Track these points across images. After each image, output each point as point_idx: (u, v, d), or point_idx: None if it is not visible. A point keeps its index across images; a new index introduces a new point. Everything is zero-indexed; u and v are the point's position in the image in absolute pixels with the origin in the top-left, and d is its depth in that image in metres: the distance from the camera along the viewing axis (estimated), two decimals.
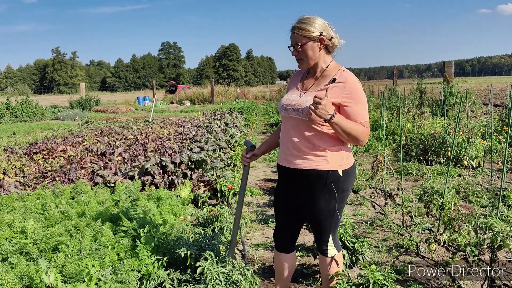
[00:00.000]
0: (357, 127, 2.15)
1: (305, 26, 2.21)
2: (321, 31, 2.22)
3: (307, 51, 2.24)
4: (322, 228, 2.40)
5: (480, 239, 2.81)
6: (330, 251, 2.46)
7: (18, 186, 5.39)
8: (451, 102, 10.98)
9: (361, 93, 2.21)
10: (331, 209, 2.32)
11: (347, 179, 2.31)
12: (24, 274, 2.53)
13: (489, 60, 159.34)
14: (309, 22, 2.22)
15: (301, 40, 2.23)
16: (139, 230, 3.25)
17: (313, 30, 2.21)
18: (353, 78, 2.24)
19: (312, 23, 2.22)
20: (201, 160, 5.94)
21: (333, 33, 2.28)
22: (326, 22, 2.28)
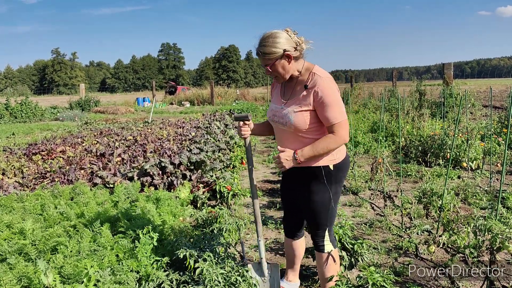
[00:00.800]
0: (325, 144, 2.27)
1: (268, 49, 2.27)
2: (283, 48, 2.26)
3: (277, 69, 2.32)
4: (318, 222, 2.51)
5: (479, 241, 2.81)
6: (326, 247, 2.55)
7: (17, 186, 5.38)
8: (450, 104, 10.99)
9: (332, 96, 2.25)
10: (325, 202, 2.44)
11: (338, 173, 2.44)
12: (23, 275, 2.52)
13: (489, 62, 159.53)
14: (270, 44, 2.26)
15: (268, 62, 2.30)
16: (138, 231, 3.25)
17: (276, 51, 2.26)
18: (323, 81, 2.28)
19: (273, 43, 2.26)
20: (201, 161, 5.94)
21: (297, 39, 2.32)
22: (287, 34, 2.29)
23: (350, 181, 6.05)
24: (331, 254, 2.55)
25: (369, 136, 9.14)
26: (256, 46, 2.33)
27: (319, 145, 2.28)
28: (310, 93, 2.29)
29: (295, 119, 2.33)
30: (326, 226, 2.53)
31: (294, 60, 2.33)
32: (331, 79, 2.32)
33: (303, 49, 2.34)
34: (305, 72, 2.37)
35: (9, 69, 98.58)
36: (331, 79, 2.31)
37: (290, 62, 2.31)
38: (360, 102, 15.55)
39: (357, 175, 6.07)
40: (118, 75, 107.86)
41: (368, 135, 9.21)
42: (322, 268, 2.59)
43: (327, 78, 2.29)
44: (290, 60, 2.30)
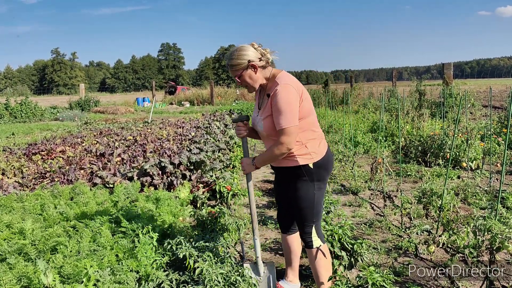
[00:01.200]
0: (270, 153, 2.47)
1: (234, 62, 2.48)
2: (248, 59, 2.46)
3: (245, 79, 2.51)
4: (303, 218, 2.61)
5: (479, 241, 2.81)
6: (314, 243, 2.62)
7: (17, 186, 5.38)
8: (450, 104, 11.00)
9: (280, 102, 2.37)
10: (310, 198, 2.56)
11: (319, 170, 2.55)
12: (23, 275, 2.52)
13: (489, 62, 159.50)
14: (235, 57, 2.47)
15: (236, 73, 2.50)
16: (138, 231, 3.25)
17: (241, 62, 2.46)
18: (279, 88, 2.40)
19: (238, 56, 2.47)
20: (200, 161, 5.94)
21: (262, 50, 2.51)
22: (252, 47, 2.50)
23: (350, 181, 6.05)
24: (320, 249, 2.61)
25: (369, 136, 9.14)
26: (226, 61, 2.55)
27: (265, 154, 2.51)
28: (270, 100, 2.46)
29: (264, 125, 2.53)
30: (312, 222, 2.62)
31: (261, 69, 2.51)
32: (287, 86, 2.41)
33: (269, 59, 2.52)
34: (271, 79, 2.54)
35: (9, 69, 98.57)
36: (287, 86, 2.41)
37: (256, 72, 2.49)
38: (360, 102, 15.56)
39: (356, 175, 6.07)
40: (118, 75, 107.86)
41: (368, 135, 9.21)
42: (313, 264, 2.66)
43: (284, 85, 2.40)
44: (256, 69, 2.49)
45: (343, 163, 6.70)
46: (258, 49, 2.50)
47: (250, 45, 2.51)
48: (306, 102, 2.47)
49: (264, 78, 2.54)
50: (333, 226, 3.24)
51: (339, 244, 3.10)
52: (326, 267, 2.65)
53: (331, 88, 20.25)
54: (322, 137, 2.65)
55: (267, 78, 2.55)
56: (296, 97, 2.40)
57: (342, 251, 3.10)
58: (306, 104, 2.46)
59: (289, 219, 2.88)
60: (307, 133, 2.50)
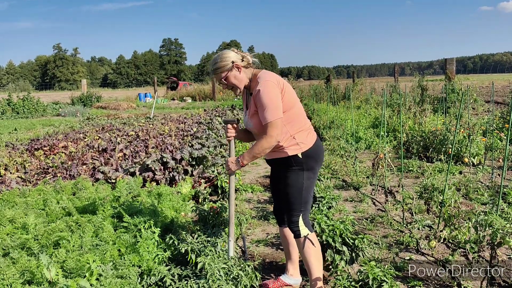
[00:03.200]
0: (258, 147, 2.53)
1: (218, 65, 2.60)
2: (232, 60, 2.59)
3: (231, 80, 2.62)
4: (291, 207, 2.68)
5: (480, 236, 2.81)
6: (302, 231, 2.66)
7: (19, 182, 5.40)
8: (452, 99, 10.96)
9: (264, 98, 2.48)
10: (298, 186, 2.64)
11: (308, 160, 2.64)
12: (25, 269, 2.54)
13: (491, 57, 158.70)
14: (219, 60, 2.60)
15: (221, 76, 2.61)
16: (140, 226, 3.26)
17: (225, 64, 2.58)
18: (260, 86, 2.51)
19: (222, 59, 2.59)
20: (202, 156, 5.95)
21: (242, 53, 2.65)
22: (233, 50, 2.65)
23: (351, 177, 6.06)
24: (308, 237, 2.65)
25: (370, 131, 9.13)
26: (209, 68, 2.66)
27: (254, 148, 2.55)
28: (254, 98, 2.56)
29: (252, 123, 2.64)
30: (299, 211, 2.67)
31: (244, 69, 2.63)
32: (267, 82, 2.53)
33: (249, 60, 2.66)
34: (253, 79, 2.65)
35: (11, 65, 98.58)
36: (267, 82, 2.52)
37: (240, 72, 2.62)
38: (362, 98, 15.52)
39: (358, 171, 6.07)
40: (119, 71, 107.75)
41: (370, 131, 9.19)
42: (302, 253, 2.70)
43: (264, 82, 2.52)
44: (240, 69, 2.61)
45: (345, 158, 6.70)
46: (238, 53, 2.65)
47: (231, 50, 2.65)
48: (288, 94, 2.58)
49: (247, 79, 2.66)
50: (334, 221, 3.25)
51: (341, 239, 3.11)
52: (316, 256, 2.68)
53: (333, 83, 20.20)
54: (311, 128, 2.75)
55: (249, 79, 2.67)
56: (277, 91, 2.51)
57: (344, 246, 3.10)
58: (288, 96, 2.57)
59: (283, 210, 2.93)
60: (293, 125, 2.61)
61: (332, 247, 3.08)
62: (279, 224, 3.05)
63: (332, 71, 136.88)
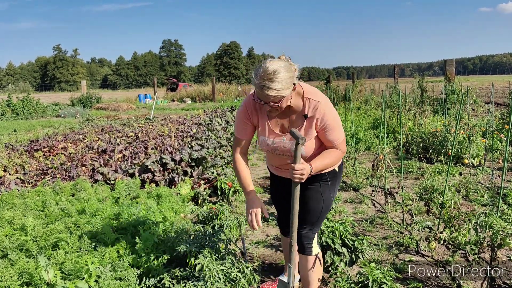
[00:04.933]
0: (331, 158, 2.30)
1: (278, 86, 2.06)
2: (293, 83, 2.12)
3: (283, 104, 2.15)
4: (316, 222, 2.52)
5: (480, 238, 2.80)
6: (314, 249, 2.54)
7: (18, 183, 5.39)
8: (452, 100, 10.96)
9: (333, 120, 2.25)
10: (329, 200, 2.51)
11: (339, 173, 2.55)
12: (24, 271, 2.53)
13: (491, 58, 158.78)
14: (280, 81, 2.05)
15: (276, 100, 2.11)
16: (139, 227, 3.25)
17: (287, 88, 2.10)
18: (323, 107, 2.23)
19: (283, 81, 2.06)
20: (202, 157, 5.94)
21: (294, 66, 2.17)
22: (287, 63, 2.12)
23: (351, 178, 6.05)
24: (318, 256, 2.55)
25: (370, 132, 9.12)
26: (263, 82, 2.06)
27: (327, 160, 2.29)
28: (312, 122, 2.25)
29: (307, 147, 2.29)
30: (319, 227, 2.59)
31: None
32: (327, 100, 2.28)
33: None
34: (296, 97, 2.25)
35: (10, 66, 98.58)
36: (327, 101, 2.27)
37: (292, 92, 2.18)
38: (361, 99, 15.51)
39: (358, 172, 6.06)
40: (119, 72, 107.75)
41: (370, 132, 9.19)
42: (308, 271, 2.56)
43: (324, 102, 2.25)
44: (293, 90, 2.18)
45: (345, 159, 6.69)
46: (292, 65, 2.16)
47: (284, 60, 2.14)
48: None
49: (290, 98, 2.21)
50: (334, 222, 3.24)
51: (340, 240, 3.10)
52: (320, 274, 2.62)
53: (333, 84, 20.20)
54: None
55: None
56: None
57: (343, 247, 3.09)
58: None
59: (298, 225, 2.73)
60: None
61: (331, 249, 3.07)
62: (285, 235, 2.85)
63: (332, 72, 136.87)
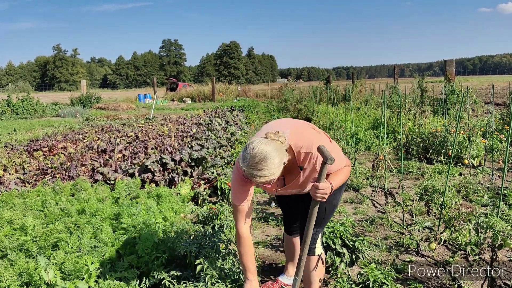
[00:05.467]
0: (344, 174, 2.36)
1: (267, 173, 2.01)
2: (283, 162, 2.07)
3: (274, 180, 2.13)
4: (322, 224, 2.51)
5: (481, 238, 2.80)
6: (317, 250, 2.53)
7: (18, 182, 5.38)
8: (452, 100, 10.95)
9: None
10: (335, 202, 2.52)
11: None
12: (23, 271, 2.53)
13: (491, 59, 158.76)
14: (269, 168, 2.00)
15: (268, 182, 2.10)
16: (139, 227, 3.25)
17: (277, 170, 2.04)
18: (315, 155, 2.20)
19: (273, 167, 2.01)
20: (202, 157, 5.93)
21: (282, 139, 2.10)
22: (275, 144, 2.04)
23: (351, 178, 6.04)
24: (321, 257, 2.53)
25: (370, 133, 9.12)
26: (248, 168, 2.01)
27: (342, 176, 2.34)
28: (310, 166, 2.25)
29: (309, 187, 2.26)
30: (322, 229, 2.58)
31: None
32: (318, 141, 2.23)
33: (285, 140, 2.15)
34: (289, 151, 2.21)
35: (10, 66, 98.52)
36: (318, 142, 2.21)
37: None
38: (361, 99, 15.51)
39: (358, 172, 6.05)
40: (119, 72, 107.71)
41: (370, 132, 9.18)
42: (311, 271, 2.54)
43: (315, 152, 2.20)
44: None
45: None
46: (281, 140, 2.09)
47: (270, 140, 2.05)
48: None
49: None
50: (334, 223, 3.23)
51: (341, 241, 3.10)
52: (322, 275, 2.60)
53: (332, 84, 20.21)
54: None
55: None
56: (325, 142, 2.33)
57: (343, 248, 3.09)
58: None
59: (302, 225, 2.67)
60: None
61: (332, 249, 3.07)
62: (289, 234, 2.91)
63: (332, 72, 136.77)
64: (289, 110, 15.42)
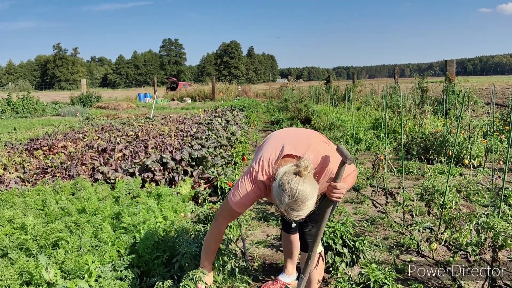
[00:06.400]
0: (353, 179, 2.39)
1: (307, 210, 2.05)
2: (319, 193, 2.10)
3: None
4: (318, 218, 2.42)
5: (482, 238, 2.80)
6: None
7: (18, 181, 5.38)
8: (452, 101, 10.95)
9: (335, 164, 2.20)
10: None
11: None
12: (24, 270, 2.52)
13: (491, 59, 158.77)
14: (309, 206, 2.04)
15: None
16: (139, 227, 3.24)
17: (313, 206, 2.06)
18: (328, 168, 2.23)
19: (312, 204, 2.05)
20: (202, 157, 5.93)
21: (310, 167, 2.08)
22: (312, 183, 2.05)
23: None
24: (321, 254, 2.53)
25: (370, 133, 9.11)
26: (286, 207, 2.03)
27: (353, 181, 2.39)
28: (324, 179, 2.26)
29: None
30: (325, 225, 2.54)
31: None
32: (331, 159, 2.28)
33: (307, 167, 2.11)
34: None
35: (10, 64, 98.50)
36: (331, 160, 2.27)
37: None
38: (361, 99, 15.50)
39: (358, 172, 6.05)
40: (119, 71, 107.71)
41: (370, 132, 9.18)
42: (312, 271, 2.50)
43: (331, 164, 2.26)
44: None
45: None
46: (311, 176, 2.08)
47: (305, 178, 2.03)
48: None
49: None
50: (335, 223, 3.23)
51: (341, 241, 3.09)
52: (321, 274, 2.59)
53: (333, 84, 20.20)
54: None
55: None
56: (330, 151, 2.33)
57: (344, 248, 3.09)
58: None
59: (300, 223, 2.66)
60: None
61: (332, 249, 3.07)
62: (287, 232, 2.95)
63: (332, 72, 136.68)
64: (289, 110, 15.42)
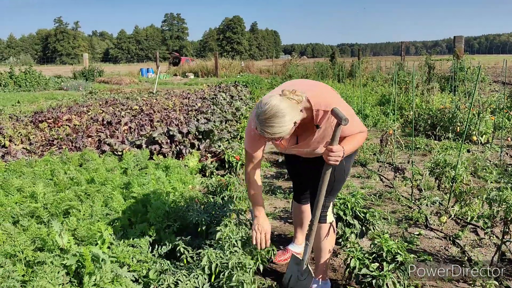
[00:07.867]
0: (358, 141, 2.28)
1: (277, 130, 1.96)
2: (293, 121, 1.99)
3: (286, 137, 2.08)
4: (333, 192, 2.49)
5: (494, 211, 2.79)
6: (328, 217, 2.52)
7: (25, 153, 5.38)
8: (460, 77, 10.82)
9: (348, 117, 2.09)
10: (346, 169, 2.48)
11: None
12: (36, 237, 2.53)
13: (497, 38, 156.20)
14: (278, 125, 1.95)
15: (278, 138, 2.04)
16: (149, 197, 3.24)
17: (286, 129, 1.98)
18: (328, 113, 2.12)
19: (282, 125, 1.95)
20: (209, 130, 5.90)
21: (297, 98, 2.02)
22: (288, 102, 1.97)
23: (358, 153, 6.01)
24: (332, 224, 2.53)
25: (377, 109, 9.04)
26: (258, 123, 1.98)
27: (355, 143, 2.27)
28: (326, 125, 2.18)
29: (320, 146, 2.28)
30: (335, 196, 2.56)
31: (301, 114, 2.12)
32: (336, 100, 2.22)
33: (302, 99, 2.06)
34: (305, 112, 2.14)
35: (12, 38, 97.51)
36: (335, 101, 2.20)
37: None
38: (367, 76, 15.35)
39: (365, 147, 6.02)
40: (121, 46, 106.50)
41: (377, 108, 9.11)
42: (322, 239, 2.52)
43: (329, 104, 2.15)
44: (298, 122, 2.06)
45: None
46: (295, 99, 2.01)
47: (284, 98, 1.98)
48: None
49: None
50: (345, 194, 3.23)
51: (351, 212, 3.09)
52: (332, 244, 2.58)
53: (339, 60, 19.96)
54: None
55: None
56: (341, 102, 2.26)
57: (354, 219, 3.09)
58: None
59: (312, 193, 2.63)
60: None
61: (343, 220, 3.07)
62: (301, 202, 2.90)
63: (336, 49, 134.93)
64: None
